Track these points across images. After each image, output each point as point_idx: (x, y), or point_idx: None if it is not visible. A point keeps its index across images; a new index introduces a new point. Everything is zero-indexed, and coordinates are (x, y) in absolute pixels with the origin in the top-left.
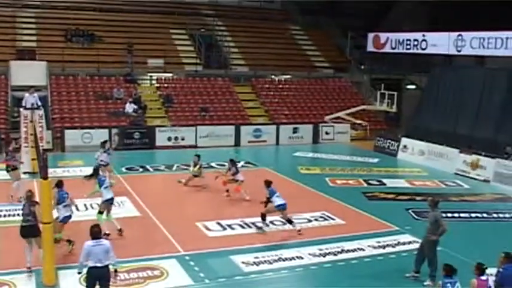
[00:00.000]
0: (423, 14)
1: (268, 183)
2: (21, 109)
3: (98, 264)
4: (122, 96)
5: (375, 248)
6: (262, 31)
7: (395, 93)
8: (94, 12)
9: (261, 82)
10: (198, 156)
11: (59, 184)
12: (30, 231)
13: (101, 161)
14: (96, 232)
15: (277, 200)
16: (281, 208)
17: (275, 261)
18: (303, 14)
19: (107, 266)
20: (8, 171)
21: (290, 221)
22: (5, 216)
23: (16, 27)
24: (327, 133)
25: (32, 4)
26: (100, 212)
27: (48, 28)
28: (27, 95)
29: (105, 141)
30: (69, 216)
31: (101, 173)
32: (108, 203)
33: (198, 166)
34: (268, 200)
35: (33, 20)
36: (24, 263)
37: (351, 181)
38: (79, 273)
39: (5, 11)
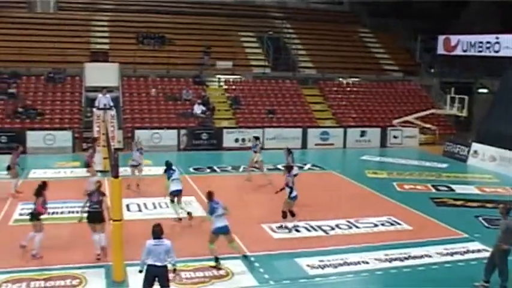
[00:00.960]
0: (495, 15)
1: (289, 169)
2: (94, 109)
3: (157, 263)
4: (190, 98)
5: (442, 255)
6: (330, 33)
7: (466, 97)
8: (164, 15)
9: (328, 85)
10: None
11: (209, 196)
12: (96, 217)
13: (133, 160)
14: (157, 232)
15: (293, 191)
16: (295, 199)
17: (340, 265)
18: (372, 16)
19: (165, 266)
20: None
21: (292, 214)
22: (76, 212)
23: (90, 30)
24: (395, 137)
25: (105, 8)
26: (171, 201)
27: (121, 31)
28: (100, 95)
29: (136, 141)
30: (222, 228)
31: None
32: (173, 194)
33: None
34: (287, 186)
35: (106, 24)
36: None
37: (419, 186)
38: (140, 271)
39: (80, 15)
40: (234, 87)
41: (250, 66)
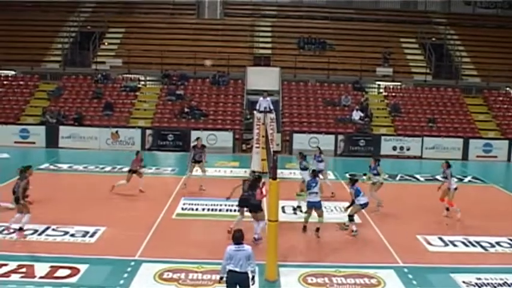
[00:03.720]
0: None
1: (353, 182)
2: (254, 112)
3: (237, 269)
4: (349, 104)
5: None
6: (498, 40)
7: None
8: (326, 20)
9: (494, 94)
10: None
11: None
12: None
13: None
14: (238, 237)
15: (362, 199)
16: (365, 207)
17: (499, 285)
18: None
19: (246, 272)
20: None
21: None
22: (234, 210)
23: (254, 36)
24: None
25: (269, 14)
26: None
27: (283, 36)
28: (261, 98)
29: (319, 148)
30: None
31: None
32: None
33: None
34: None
35: (269, 29)
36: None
37: None
38: (221, 278)
39: (244, 21)
40: (393, 94)
41: (411, 73)
